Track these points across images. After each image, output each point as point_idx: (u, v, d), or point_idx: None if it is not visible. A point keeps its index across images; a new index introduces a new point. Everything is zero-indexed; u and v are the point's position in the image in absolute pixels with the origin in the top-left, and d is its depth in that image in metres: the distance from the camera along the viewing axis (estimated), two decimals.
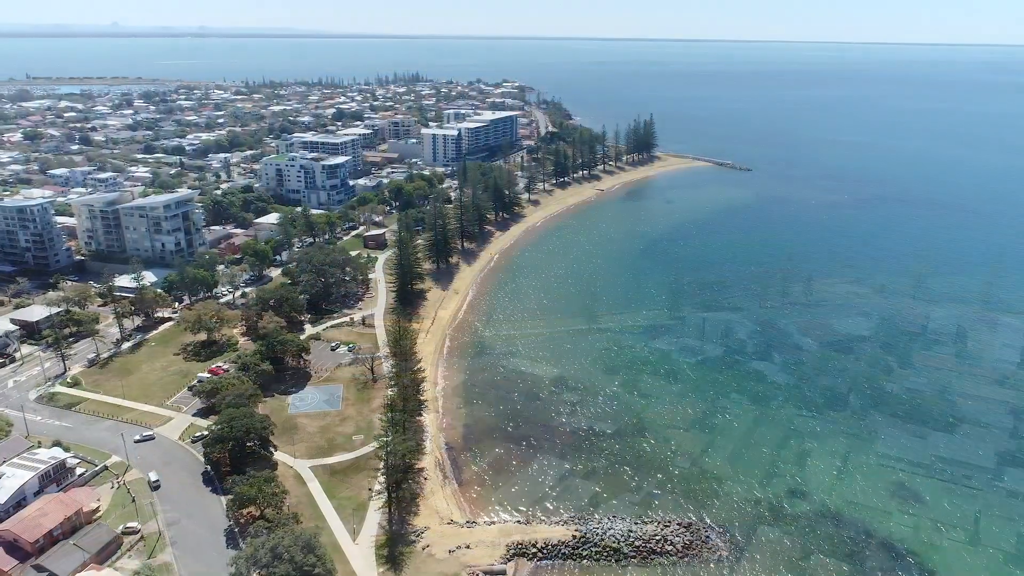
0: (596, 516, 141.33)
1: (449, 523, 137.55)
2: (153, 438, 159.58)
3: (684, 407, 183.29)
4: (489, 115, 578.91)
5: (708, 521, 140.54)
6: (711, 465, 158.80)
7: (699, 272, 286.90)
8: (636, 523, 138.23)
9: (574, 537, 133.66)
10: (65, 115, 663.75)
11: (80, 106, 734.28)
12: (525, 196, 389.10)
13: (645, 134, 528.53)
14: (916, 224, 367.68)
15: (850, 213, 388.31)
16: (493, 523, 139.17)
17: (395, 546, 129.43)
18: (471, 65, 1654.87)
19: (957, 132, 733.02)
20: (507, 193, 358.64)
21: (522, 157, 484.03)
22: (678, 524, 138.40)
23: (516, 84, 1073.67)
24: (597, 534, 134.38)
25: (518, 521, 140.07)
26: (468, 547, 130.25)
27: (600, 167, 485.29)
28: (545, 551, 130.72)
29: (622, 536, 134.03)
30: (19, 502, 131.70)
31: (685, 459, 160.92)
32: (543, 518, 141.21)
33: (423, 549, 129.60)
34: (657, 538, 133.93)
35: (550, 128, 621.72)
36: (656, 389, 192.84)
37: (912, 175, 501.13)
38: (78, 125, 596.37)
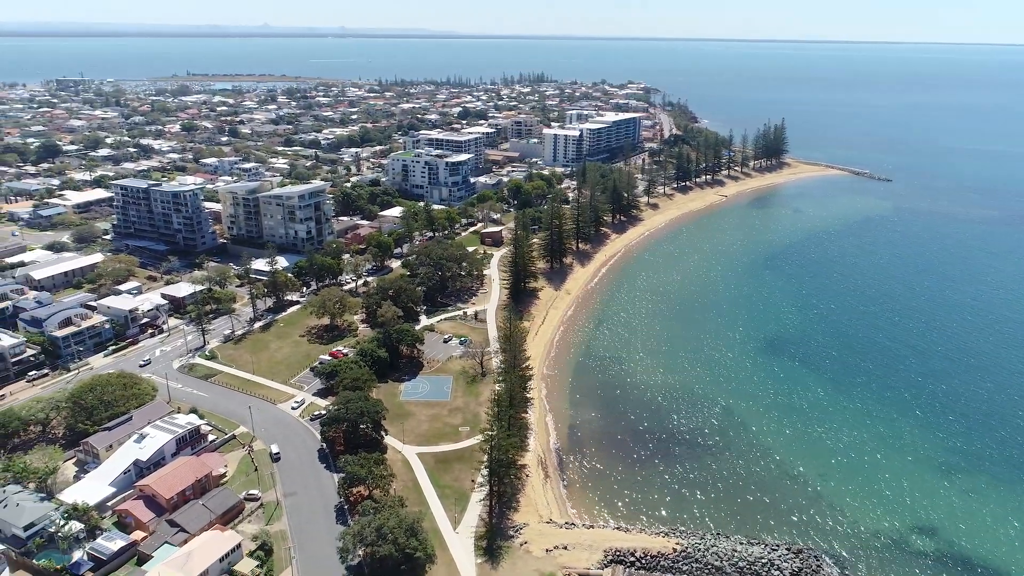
0: (700, 531, 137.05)
1: (548, 522, 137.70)
2: (304, 402, 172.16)
3: (803, 426, 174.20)
4: (612, 116, 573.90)
5: (821, 549, 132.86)
6: (829, 490, 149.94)
7: (828, 287, 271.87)
8: (742, 543, 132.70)
9: (675, 550, 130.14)
10: (217, 109, 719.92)
11: (231, 101, 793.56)
12: (644, 199, 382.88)
13: (775, 139, 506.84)
14: None
15: (1007, 231, 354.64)
16: (592, 527, 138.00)
17: (494, 539, 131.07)
18: (596, 66, 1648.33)
19: None
20: (626, 196, 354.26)
21: (643, 159, 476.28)
22: (787, 549, 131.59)
23: (641, 85, 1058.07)
24: (699, 549, 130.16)
25: (617, 527, 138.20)
26: (566, 548, 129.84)
27: (725, 172, 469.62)
28: (644, 561, 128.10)
29: (726, 555, 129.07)
30: (158, 461, 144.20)
31: (800, 481, 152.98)
32: (644, 527, 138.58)
33: (521, 545, 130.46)
34: (763, 561, 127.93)
35: (674, 131, 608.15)
36: (775, 405, 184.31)
37: None
38: (228, 118, 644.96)
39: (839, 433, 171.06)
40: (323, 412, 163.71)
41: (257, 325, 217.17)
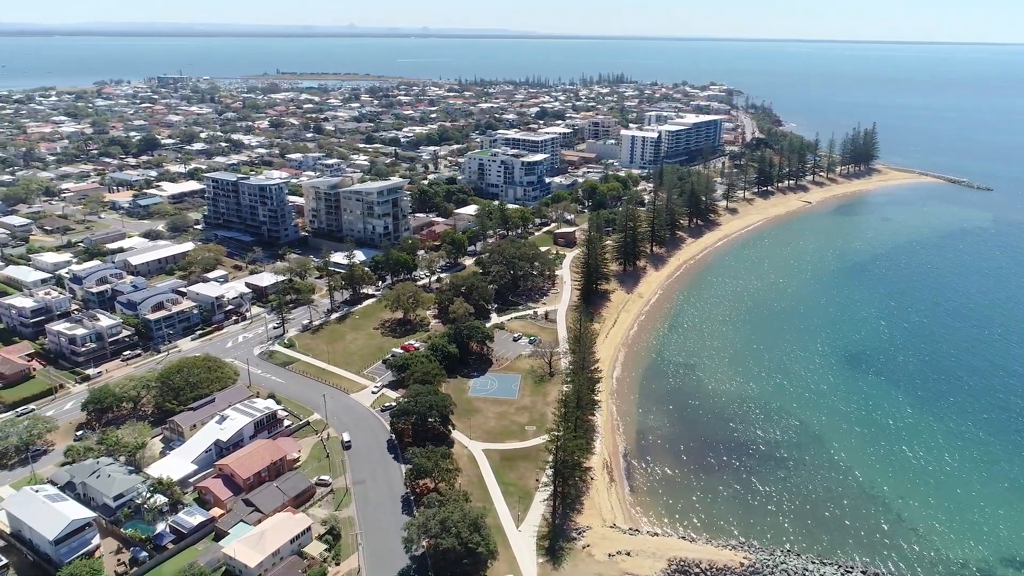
0: (769, 547, 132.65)
1: (612, 527, 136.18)
2: (384, 387, 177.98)
3: (888, 445, 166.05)
4: (692, 118, 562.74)
5: (900, 574, 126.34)
6: (910, 513, 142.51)
7: (919, 301, 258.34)
8: (814, 562, 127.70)
9: (742, 564, 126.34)
10: (304, 106, 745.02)
11: (316, 99, 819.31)
12: (723, 204, 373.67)
13: (864, 144, 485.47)
14: None
15: None
16: (656, 534, 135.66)
17: (556, 540, 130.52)
18: (677, 66, 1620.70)
19: None
20: (704, 199, 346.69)
21: (723, 163, 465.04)
22: (862, 572, 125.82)
23: (723, 87, 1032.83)
24: (768, 566, 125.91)
25: (683, 537, 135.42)
26: (628, 554, 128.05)
27: (809, 178, 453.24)
28: (709, 573, 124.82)
29: (796, 573, 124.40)
30: (237, 442, 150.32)
31: (882, 502, 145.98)
32: (711, 538, 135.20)
33: (583, 548, 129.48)
34: None
35: (756, 134, 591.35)
36: (858, 421, 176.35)
37: None
38: (313, 116, 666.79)
39: (928, 455, 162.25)
40: (393, 404, 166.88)
41: (334, 316, 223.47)
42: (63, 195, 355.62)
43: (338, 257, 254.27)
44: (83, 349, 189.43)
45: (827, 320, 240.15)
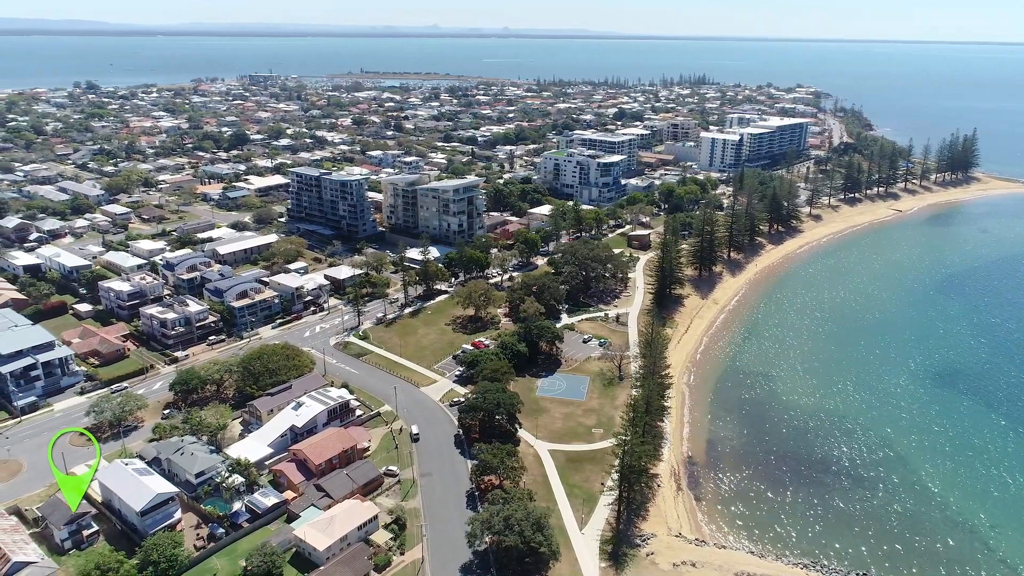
0: (842, 567, 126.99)
1: (677, 536, 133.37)
2: (463, 374, 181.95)
3: (982, 470, 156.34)
4: (776, 121, 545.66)
5: None
6: (1007, 545, 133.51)
7: (1021, 319, 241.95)
8: None
9: None
10: (385, 105, 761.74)
11: (397, 98, 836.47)
12: (806, 210, 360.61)
13: (963, 151, 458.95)
14: None
15: None
16: (724, 547, 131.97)
17: (619, 545, 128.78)
18: (761, 68, 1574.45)
19: None
20: (786, 205, 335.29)
21: (808, 168, 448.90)
22: None
23: (810, 89, 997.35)
24: None
25: (751, 551, 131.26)
26: (693, 565, 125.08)
27: (900, 185, 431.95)
28: None
29: None
30: (311, 429, 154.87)
31: (972, 530, 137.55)
32: (780, 555, 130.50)
33: (647, 556, 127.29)
34: None
35: (845, 138, 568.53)
36: (951, 444, 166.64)
37: None
38: (394, 114, 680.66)
39: (1017, 484, 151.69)
40: (462, 399, 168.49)
41: (407, 311, 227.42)
42: (160, 186, 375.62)
43: (413, 253, 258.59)
44: (173, 332, 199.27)
45: (918, 335, 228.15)
